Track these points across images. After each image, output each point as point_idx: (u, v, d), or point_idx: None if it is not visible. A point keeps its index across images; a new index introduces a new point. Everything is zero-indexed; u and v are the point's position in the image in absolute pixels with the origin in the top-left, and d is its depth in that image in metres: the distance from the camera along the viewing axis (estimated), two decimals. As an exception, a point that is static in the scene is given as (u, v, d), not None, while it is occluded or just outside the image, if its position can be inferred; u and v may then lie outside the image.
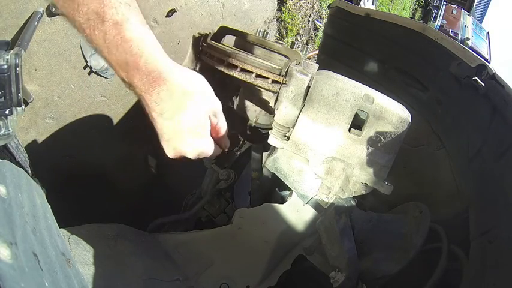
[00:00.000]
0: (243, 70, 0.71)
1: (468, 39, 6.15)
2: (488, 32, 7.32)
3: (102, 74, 1.48)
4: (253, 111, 0.86)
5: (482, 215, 0.86)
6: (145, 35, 0.44)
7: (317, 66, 0.78)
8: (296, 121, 0.71)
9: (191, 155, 0.51)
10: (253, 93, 0.83)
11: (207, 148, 0.53)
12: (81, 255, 0.72)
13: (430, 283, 0.82)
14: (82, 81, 1.45)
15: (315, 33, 3.36)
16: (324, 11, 3.36)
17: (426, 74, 1.17)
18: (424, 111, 1.16)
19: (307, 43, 3.29)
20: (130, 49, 0.42)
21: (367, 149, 0.70)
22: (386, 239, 0.92)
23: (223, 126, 0.57)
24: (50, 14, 1.25)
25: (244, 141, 1.33)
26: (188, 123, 0.48)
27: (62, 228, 0.71)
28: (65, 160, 1.38)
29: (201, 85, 0.50)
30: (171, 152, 0.51)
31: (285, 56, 0.77)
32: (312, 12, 3.27)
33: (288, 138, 0.74)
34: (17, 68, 0.45)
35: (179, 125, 0.47)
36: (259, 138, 0.94)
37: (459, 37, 6.17)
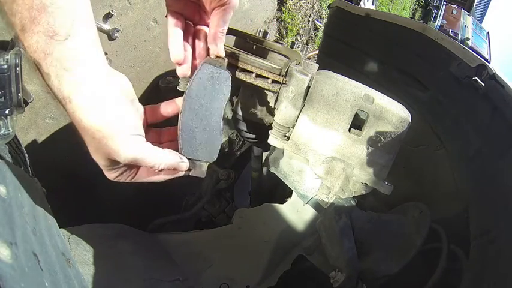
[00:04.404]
0: (243, 70, 0.71)
1: (468, 39, 6.15)
2: (488, 32, 7.32)
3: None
4: (253, 111, 0.86)
5: (482, 215, 0.86)
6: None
7: (317, 66, 0.78)
8: (296, 121, 0.71)
9: None
10: (253, 93, 0.83)
11: None
12: (81, 255, 0.72)
13: (430, 283, 0.82)
14: (82, 81, 1.44)
15: (315, 33, 3.36)
16: (324, 11, 3.36)
17: (426, 74, 1.17)
18: (424, 111, 1.16)
19: (307, 43, 3.29)
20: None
21: (367, 149, 0.70)
22: (386, 239, 0.92)
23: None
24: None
25: (244, 141, 1.33)
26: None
27: (62, 228, 0.71)
28: (65, 160, 1.38)
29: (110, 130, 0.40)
30: None
31: (285, 56, 0.77)
32: (312, 12, 3.27)
33: (288, 138, 0.74)
34: (17, 68, 0.45)
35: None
36: (259, 138, 0.94)
37: (459, 37, 6.17)
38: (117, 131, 0.40)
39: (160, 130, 0.53)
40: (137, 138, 0.43)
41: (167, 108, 0.53)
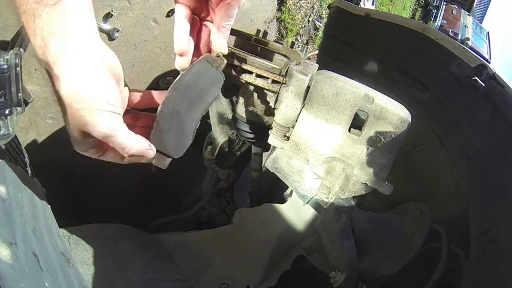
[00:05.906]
0: (243, 70, 0.71)
1: (468, 39, 6.14)
2: (488, 32, 7.31)
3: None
4: (253, 111, 0.86)
5: (482, 215, 0.86)
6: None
7: (317, 66, 0.78)
8: (296, 121, 0.71)
9: None
10: (253, 93, 0.83)
11: None
12: (81, 255, 0.72)
13: (430, 283, 0.82)
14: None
15: (315, 33, 3.36)
16: (324, 11, 3.36)
17: (426, 74, 1.17)
18: (424, 111, 1.16)
19: (307, 43, 3.29)
20: None
21: (367, 149, 0.70)
22: (386, 239, 0.92)
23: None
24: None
25: (244, 141, 1.33)
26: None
27: (62, 228, 0.71)
28: (65, 160, 1.38)
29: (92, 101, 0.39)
30: None
31: (285, 56, 0.77)
32: (312, 12, 3.27)
33: (288, 138, 0.74)
34: (17, 68, 0.45)
35: None
36: (259, 138, 0.94)
37: (459, 37, 6.16)
38: (96, 104, 0.39)
39: (138, 113, 0.52)
40: (115, 116, 0.41)
41: (150, 96, 0.52)
